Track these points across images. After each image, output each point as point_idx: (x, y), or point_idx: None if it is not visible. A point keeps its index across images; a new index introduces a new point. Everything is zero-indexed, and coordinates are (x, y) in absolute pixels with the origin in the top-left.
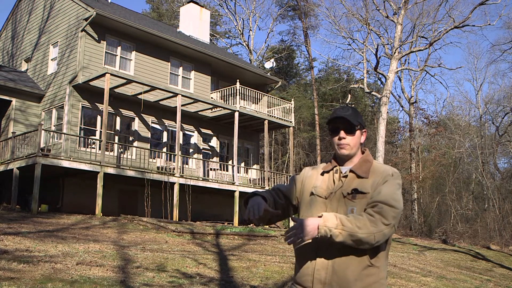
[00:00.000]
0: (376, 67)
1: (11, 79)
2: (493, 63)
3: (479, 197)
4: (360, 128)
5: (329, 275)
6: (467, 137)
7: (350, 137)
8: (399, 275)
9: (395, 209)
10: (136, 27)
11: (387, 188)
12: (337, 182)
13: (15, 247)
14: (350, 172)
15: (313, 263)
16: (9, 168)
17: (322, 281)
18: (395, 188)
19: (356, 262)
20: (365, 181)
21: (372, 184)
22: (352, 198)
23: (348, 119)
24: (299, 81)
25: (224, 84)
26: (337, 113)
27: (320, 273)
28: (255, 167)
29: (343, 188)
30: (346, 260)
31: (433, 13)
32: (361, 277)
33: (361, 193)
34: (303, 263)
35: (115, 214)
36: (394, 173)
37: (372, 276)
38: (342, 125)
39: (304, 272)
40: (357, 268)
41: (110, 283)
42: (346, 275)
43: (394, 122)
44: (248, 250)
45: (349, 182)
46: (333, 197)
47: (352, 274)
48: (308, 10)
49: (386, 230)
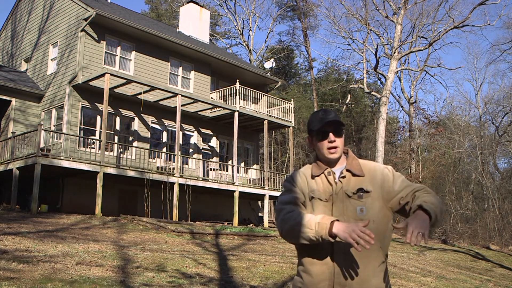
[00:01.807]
0: (375, 67)
1: (11, 79)
2: (492, 63)
3: (479, 197)
4: (344, 129)
5: (349, 277)
6: (466, 137)
7: (339, 139)
8: (399, 275)
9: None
10: (136, 27)
11: (400, 180)
12: (334, 183)
13: (15, 247)
14: (347, 172)
15: (330, 268)
16: (8, 168)
17: (342, 283)
18: (402, 177)
19: (373, 260)
20: (363, 180)
21: (371, 182)
22: (359, 198)
23: (338, 121)
24: (299, 81)
25: (224, 84)
26: (327, 118)
27: (340, 276)
28: (255, 167)
29: (344, 189)
30: (365, 260)
31: (432, 13)
32: (377, 273)
33: (366, 192)
34: (315, 269)
35: (115, 214)
36: (386, 167)
37: (384, 271)
38: (331, 128)
39: (319, 278)
40: (374, 266)
41: (110, 283)
42: (365, 275)
43: (394, 122)
44: (248, 250)
45: (348, 182)
46: (336, 199)
47: (371, 272)
48: (308, 11)
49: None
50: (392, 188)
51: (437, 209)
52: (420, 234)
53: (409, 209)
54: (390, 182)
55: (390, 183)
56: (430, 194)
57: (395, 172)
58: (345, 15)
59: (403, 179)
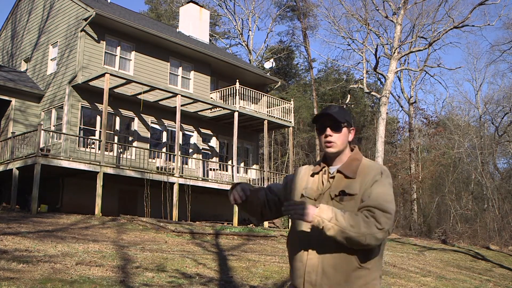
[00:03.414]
0: (375, 67)
1: (11, 79)
2: (492, 63)
3: (479, 197)
4: (347, 125)
5: (319, 277)
6: (466, 137)
7: (337, 135)
8: (398, 275)
9: (388, 214)
10: (136, 27)
11: (378, 190)
12: (326, 183)
13: (15, 247)
14: (338, 173)
15: (303, 265)
16: (8, 168)
17: (312, 283)
18: (386, 189)
19: (345, 264)
20: (353, 182)
21: (360, 184)
22: (339, 200)
23: (334, 116)
24: (299, 81)
25: (224, 84)
26: (322, 111)
27: (311, 275)
28: (255, 167)
29: (331, 190)
30: (335, 262)
31: (432, 13)
32: (351, 279)
33: (348, 195)
34: (295, 265)
35: (114, 214)
36: (384, 171)
37: (362, 278)
38: (328, 122)
39: (297, 274)
40: (346, 270)
41: (110, 283)
42: (335, 277)
43: (394, 122)
44: (248, 250)
45: (336, 183)
46: (322, 199)
47: (341, 276)
48: (307, 11)
49: (378, 234)
50: (365, 196)
51: (335, 226)
52: (296, 211)
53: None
54: (369, 187)
55: (368, 188)
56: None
57: (384, 180)
58: (344, 15)
59: (381, 191)
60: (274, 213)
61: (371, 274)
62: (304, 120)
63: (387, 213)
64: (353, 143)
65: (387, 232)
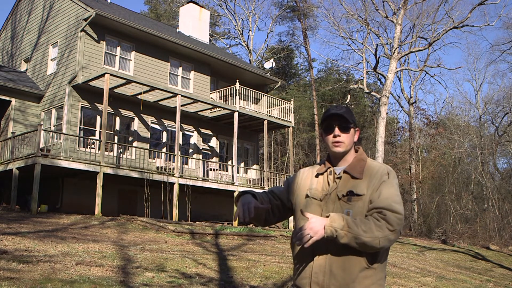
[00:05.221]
0: (375, 68)
1: (11, 79)
2: (492, 63)
3: (479, 197)
4: (353, 126)
5: (326, 278)
6: (466, 137)
7: (345, 135)
8: (398, 275)
9: (398, 215)
10: (136, 27)
11: (386, 191)
12: (332, 183)
13: (15, 247)
14: (344, 173)
15: (310, 266)
16: (8, 168)
17: (319, 283)
18: (394, 189)
19: (353, 264)
20: (360, 182)
21: (368, 185)
22: (347, 201)
23: (344, 116)
24: (299, 81)
25: (224, 84)
26: (332, 111)
27: (318, 276)
28: (255, 167)
29: (338, 190)
30: (344, 262)
31: (432, 14)
32: (359, 279)
33: (356, 195)
34: (301, 265)
35: (114, 214)
36: (390, 172)
37: (369, 278)
38: (337, 122)
39: (302, 275)
40: (354, 270)
41: (110, 283)
42: (343, 278)
43: (394, 122)
44: (248, 250)
45: (343, 183)
46: (328, 199)
47: (349, 276)
48: (307, 11)
49: (391, 236)
50: (374, 197)
51: (348, 233)
52: (307, 236)
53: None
54: (376, 188)
55: (378, 192)
56: (369, 221)
57: (391, 181)
58: (344, 15)
59: (389, 193)
60: (277, 218)
61: (378, 274)
62: (304, 120)
63: (398, 213)
64: (357, 143)
65: (398, 233)
